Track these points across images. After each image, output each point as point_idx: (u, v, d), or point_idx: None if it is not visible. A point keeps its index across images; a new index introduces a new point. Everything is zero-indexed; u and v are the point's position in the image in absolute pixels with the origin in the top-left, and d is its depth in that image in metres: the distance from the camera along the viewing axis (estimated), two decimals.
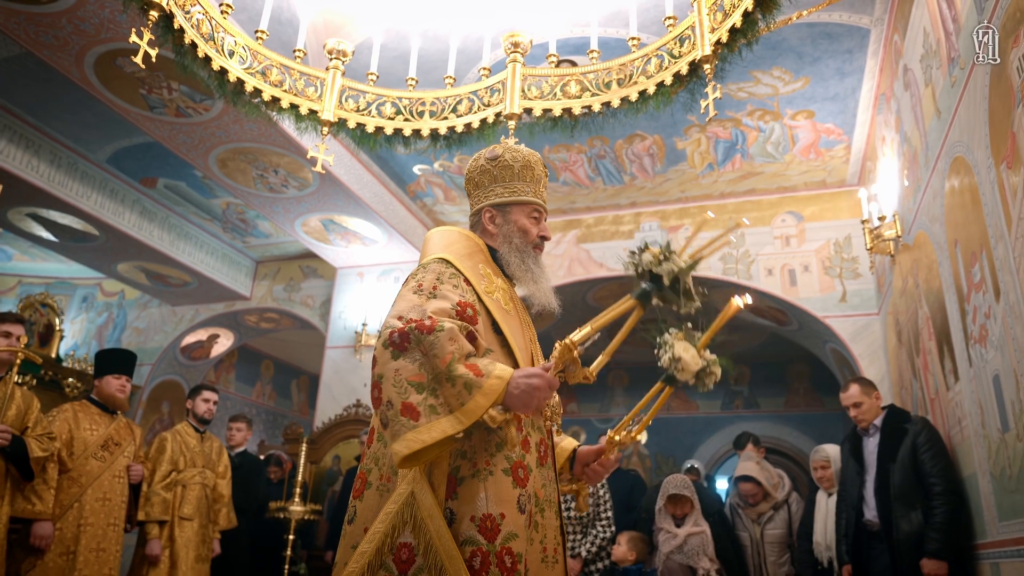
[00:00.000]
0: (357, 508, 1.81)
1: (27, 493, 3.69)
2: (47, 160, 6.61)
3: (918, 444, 3.77)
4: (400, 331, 1.70)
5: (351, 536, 1.78)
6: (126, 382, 4.35)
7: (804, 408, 10.89)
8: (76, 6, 4.27)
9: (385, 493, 1.76)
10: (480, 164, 2.16)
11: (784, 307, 6.88)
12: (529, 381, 1.69)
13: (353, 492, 1.85)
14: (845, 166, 6.48)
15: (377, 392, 1.70)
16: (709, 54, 2.91)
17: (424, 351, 1.67)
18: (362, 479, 1.84)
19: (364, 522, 1.76)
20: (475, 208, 2.18)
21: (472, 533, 1.67)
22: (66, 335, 9.08)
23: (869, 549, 3.91)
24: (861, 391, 4.11)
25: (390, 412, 1.65)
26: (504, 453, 1.78)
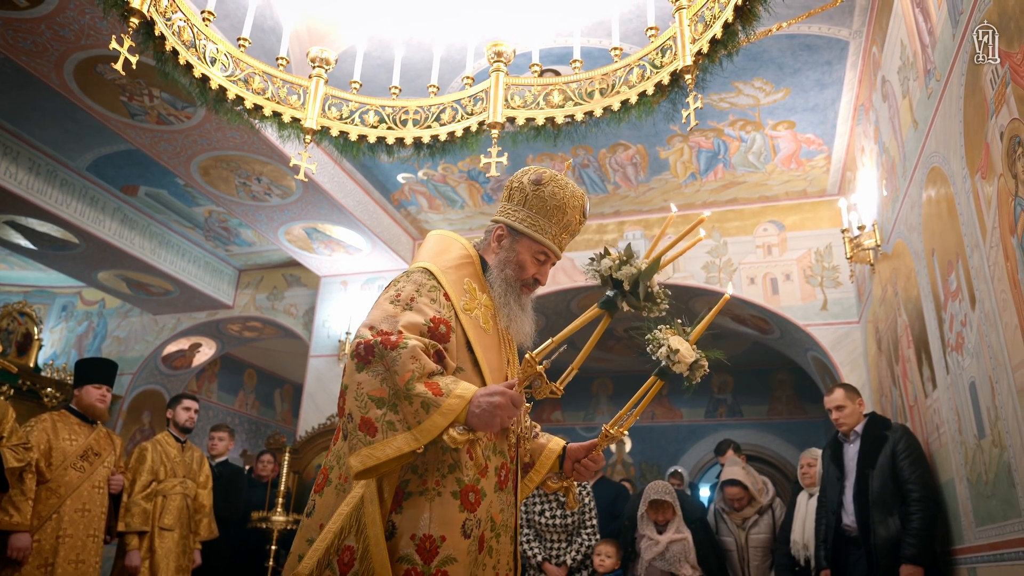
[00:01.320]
0: (316, 503, 1.83)
1: (4, 504, 3.64)
2: (25, 167, 6.54)
3: (897, 451, 3.81)
4: (366, 344, 1.70)
5: (307, 529, 1.81)
6: (106, 392, 4.30)
7: (787, 416, 10.97)
8: (55, 12, 4.24)
9: (342, 493, 1.78)
10: (522, 180, 2.11)
11: (766, 315, 6.93)
12: (491, 400, 1.67)
13: (315, 486, 1.88)
14: (826, 176, 6.55)
15: (342, 401, 1.74)
16: (690, 64, 2.94)
17: (386, 366, 1.67)
18: (324, 475, 1.86)
19: (320, 518, 1.78)
20: (495, 217, 2.16)
21: (409, 551, 1.67)
22: (45, 344, 8.96)
23: (847, 554, 3.94)
24: (845, 395, 4.15)
25: (350, 425, 1.68)
26: (455, 475, 1.76)
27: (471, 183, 6.92)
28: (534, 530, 4.59)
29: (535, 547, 4.54)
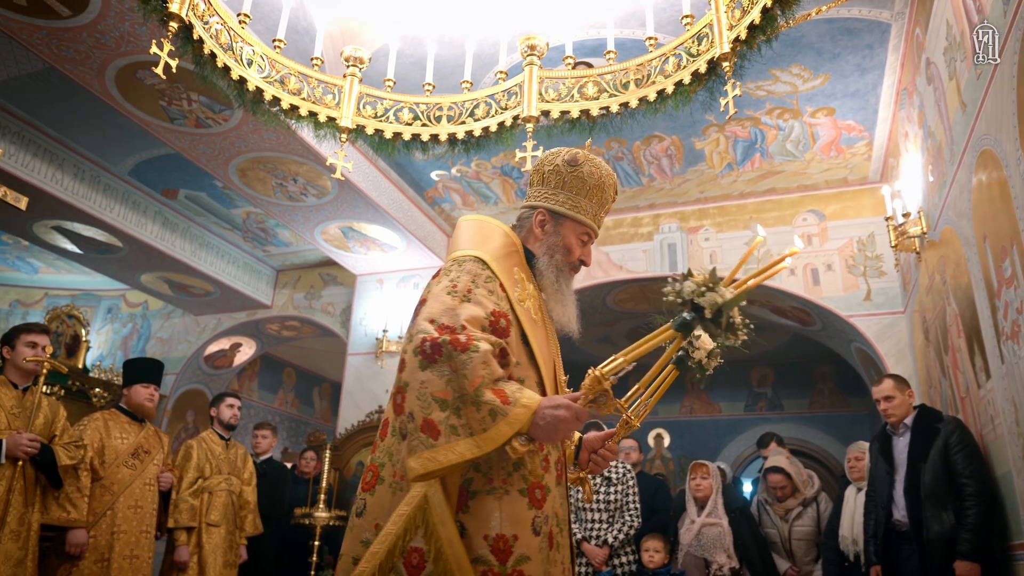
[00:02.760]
0: (367, 502, 1.76)
1: (62, 501, 3.74)
2: (71, 173, 6.70)
3: (950, 444, 3.69)
4: (433, 341, 1.64)
5: (360, 530, 1.74)
6: (154, 391, 4.39)
7: (829, 409, 10.76)
8: (97, 20, 4.33)
9: (398, 492, 1.71)
10: (555, 163, 2.08)
11: (807, 307, 6.80)
12: (556, 413, 1.64)
13: (363, 484, 1.81)
14: (867, 163, 6.40)
15: (400, 399, 1.67)
16: (728, 52, 2.88)
17: (454, 368, 1.62)
18: (374, 472, 1.79)
19: (375, 518, 1.72)
20: (531, 203, 2.12)
21: (484, 552, 1.64)
22: (92, 346, 9.20)
23: (898, 549, 3.84)
24: (894, 386, 4.04)
25: (410, 425, 1.62)
26: (521, 472, 1.74)
27: (504, 179, 6.91)
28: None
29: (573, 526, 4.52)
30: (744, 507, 4.94)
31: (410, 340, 1.69)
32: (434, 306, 1.76)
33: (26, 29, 4.40)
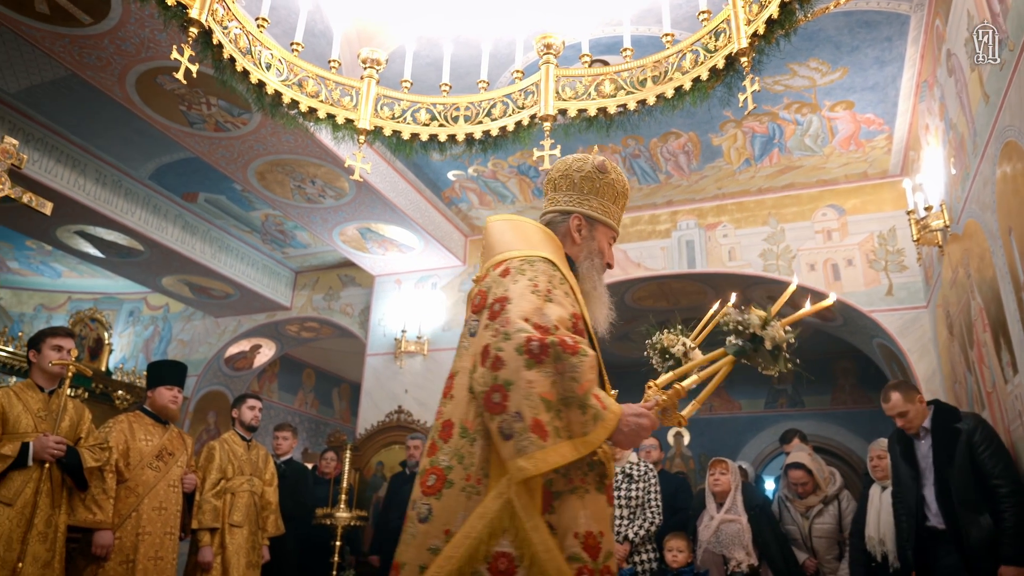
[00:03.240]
0: (434, 507, 1.70)
1: (88, 503, 3.78)
2: (93, 178, 6.79)
3: (974, 444, 3.58)
4: (540, 342, 1.65)
5: (427, 536, 1.68)
6: (178, 393, 4.44)
7: (851, 405, 10.66)
8: (117, 27, 4.38)
9: (474, 495, 1.68)
10: (586, 170, 2.14)
11: None
12: (639, 421, 1.71)
13: (425, 488, 1.74)
14: (887, 156, 6.33)
15: (501, 397, 1.63)
16: (746, 47, 2.86)
17: (560, 370, 1.64)
18: (438, 476, 1.73)
19: (444, 523, 1.67)
20: (564, 208, 2.14)
21: (577, 550, 1.64)
22: (114, 349, 9.32)
23: (934, 551, 3.76)
24: (903, 399, 3.88)
25: (518, 425, 1.60)
26: (597, 471, 1.78)
27: (521, 178, 6.91)
28: None
29: None
30: (764, 504, 4.90)
31: (507, 338, 1.67)
32: (524, 305, 1.75)
33: (48, 37, 4.46)
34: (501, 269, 1.90)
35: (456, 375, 1.88)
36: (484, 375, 1.68)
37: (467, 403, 1.78)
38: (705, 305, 8.18)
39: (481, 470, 1.70)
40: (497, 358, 1.66)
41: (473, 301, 1.95)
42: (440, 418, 1.83)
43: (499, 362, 1.65)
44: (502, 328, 1.70)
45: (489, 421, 1.66)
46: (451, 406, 1.80)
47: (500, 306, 1.76)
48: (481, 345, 1.72)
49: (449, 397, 1.83)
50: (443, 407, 1.85)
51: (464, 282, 7.95)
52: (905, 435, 3.98)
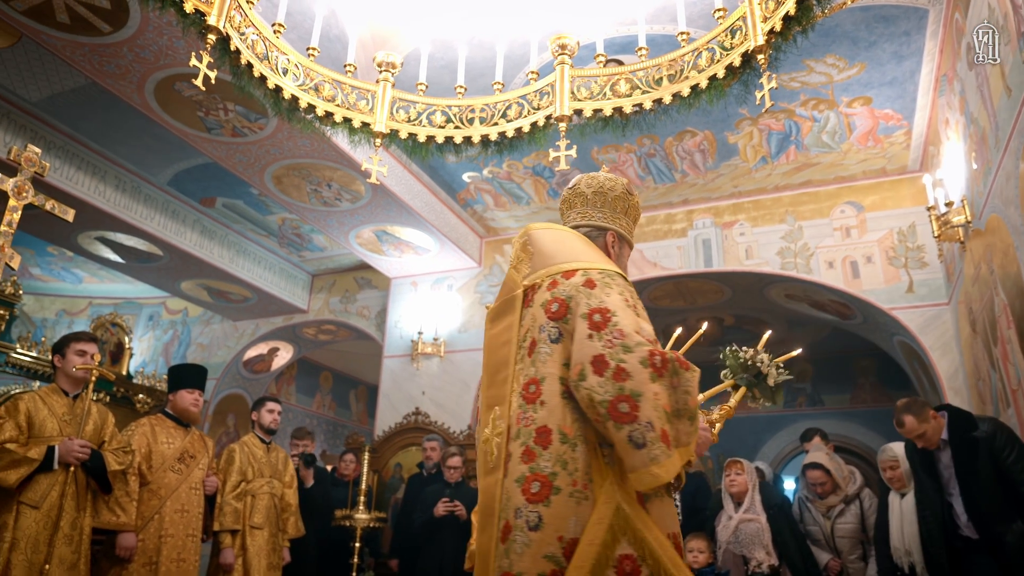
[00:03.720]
0: (543, 514, 1.72)
1: (111, 505, 3.83)
2: (113, 185, 6.87)
3: (995, 451, 3.50)
4: (662, 356, 1.74)
5: (541, 544, 1.70)
6: (199, 396, 4.48)
7: (872, 404, 10.55)
8: (136, 35, 4.43)
9: (583, 501, 1.72)
10: (617, 189, 2.24)
11: (847, 300, 6.68)
12: (704, 433, 1.88)
13: (530, 496, 1.75)
14: (906, 152, 6.26)
15: (630, 407, 1.69)
16: (762, 44, 2.84)
17: (675, 384, 1.74)
18: (543, 483, 1.75)
19: (556, 530, 1.70)
20: (599, 224, 2.22)
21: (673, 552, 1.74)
22: (135, 353, 9.41)
23: (970, 559, 3.68)
24: (918, 421, 3.79)
25: (650, 435, 1.67)
26: None
27: (536, 179, 6.91)
28: None
29: None
30: (783, 504, 4.86)
31: (627, 350, 1.73)
32: (629, 318, 1.82)
33: (68, 46, 4.52)
34: (580, 279, 1.93)
35: (542, 381, 1.87)
36: (605, 385, 1.72)
37: (562, 409, 1.82)
38: (721, 304, 8.14)
39: (585, 475, 1.75)
40: (620, 369, 1.71)
41: (549, 308, 1.95)
42: (531, 424, 1.84)
43: (623, 373, 1.71)
44: (618, 340, 1.75)
45: (615, 430, 1.70)
46: (544, 412, 1.82)
47: (602, 317, 1.81)
48: (590, 355, 1.76)
49: (539, 403, 1.84)
50: (532, 412, 1.84)
51: (480, 283, 7.95)
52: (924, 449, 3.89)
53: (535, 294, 2.03)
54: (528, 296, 2.06)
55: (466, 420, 7.41)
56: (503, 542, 1.77)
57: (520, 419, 1.87)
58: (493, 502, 1.87)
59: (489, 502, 1.89)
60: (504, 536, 1.77)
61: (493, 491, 1.88)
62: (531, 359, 1.94)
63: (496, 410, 1.99)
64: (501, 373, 2.03)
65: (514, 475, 1.81)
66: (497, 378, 2.04)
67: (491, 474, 1.92)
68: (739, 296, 7.78)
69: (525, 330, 2.01)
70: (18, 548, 3.32)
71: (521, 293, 2.08)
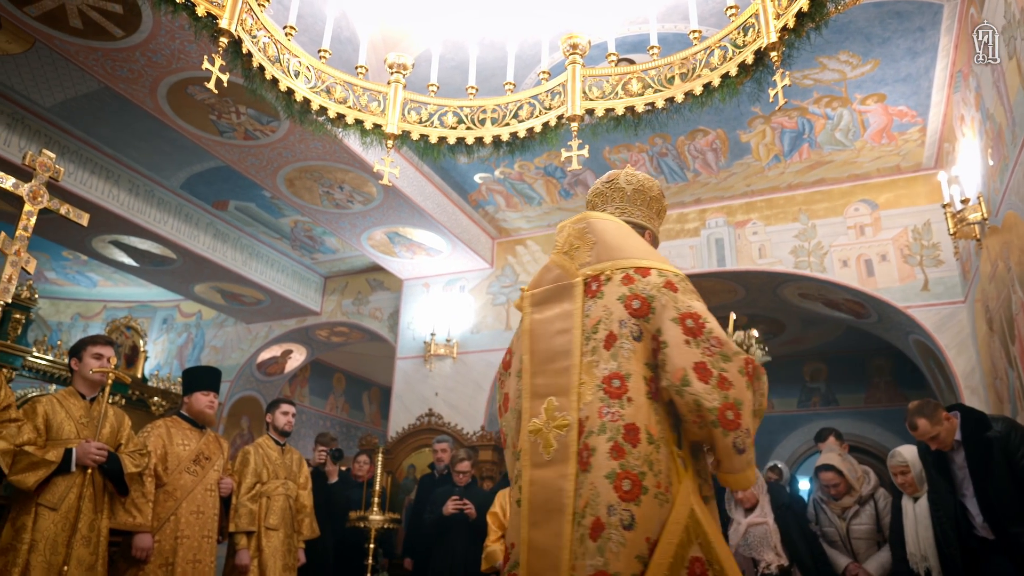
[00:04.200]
0: (635, 515, 1.72)
1: (128, 506, 3.85)
2: (126, 189, 6.92)
3: (1010, 450, 3.44)
4: (752, 365, 1.83)
5: (633, 545, 1.69)
6: (214, 398, 4.49)
7: (887, 403, 10.47)
8: (148, 39, 4.46)
9: (665, 503, 1.74)
10: (654, 190, 2.29)
11: (862, 299, 6.63)
12: None
13: (622, 494, 1.73)
14: (921, 149, 6.21)
15: (734, 415, 1.78)
16: (775, 41, 2.82)
17: (756, 388, 1.85)
18: (633, 482, 1.75)
19: (645, 531, 1.70)
20: (639, 222, 2.24)
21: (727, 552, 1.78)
22: (149, 356, 9.48)
23: (986, 559, 3.63)
24: (930, 424, 3.74)
25: (748, 440, 1.79)
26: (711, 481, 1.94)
27: (548, 179, 6.90)
28: None
29: None
30: (791, 503, 4.82)
31: (726, 359, 1.80)
32: (718, 326, 1.89)
33: (82, 51, 4.56)
34: (659, 279, 1.94)
35: (627, 377, 1.85)
36: (712, 392, 1.77)
37: (648, 408, 1.83)
38: (734, 304, 8.09)
39: (667, 477, 1.77)
40: (723, 378, 1.78)
41: (629, 304, 1.92)
42: (618, 420, 1.81)
43: (726, 382, 1.78)
44: (717, 348, 1.82)
45: (722, 436, 1.78)
46: (631, 409, 1.81)
47: (695, 323, 1.85)
48: (692, 361, 1.80)
49: (626, 399, 1.82)
50: (619, 408, 1.82)
51: (492, 284, 7.95)
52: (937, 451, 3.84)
53: (604, 286, 1.98)
54: (592, 286, 2.01)
55: (479, 421, 7.41)
56: (593, 539, 1.71)
57: (603, 413, 1.82)
58: (557, 496, 1.81)
59: (549, 495, 1.83)
60: (595, 533, 1.71)
61: (557, 484, 1.83)
62: (609, 353, 1.89)
63: (553, 400, 1.93)
64: (559, 362, 1.97)
65: (602, 470, 1.76)
66: (552, 367, 1.98)
67: (548, 467, 1.86)
68: (753, 295, 7.73)
69: (595, 320, 1.95)
70: (37, 549, 3.35)
71: (581, 281, 2.02)
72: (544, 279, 2.14)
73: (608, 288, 1.97)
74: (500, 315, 7.80)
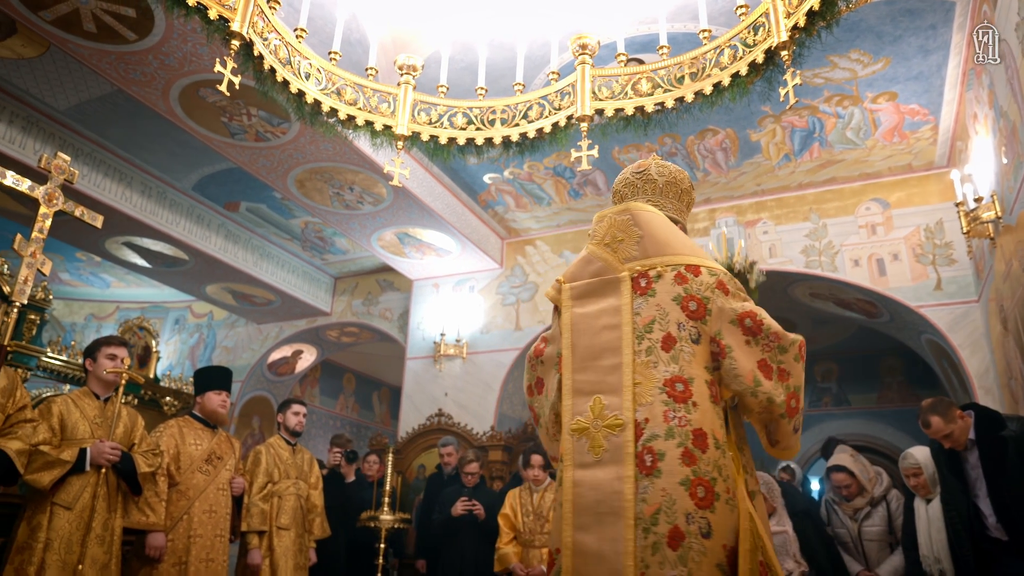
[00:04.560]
0: (711, 522, 1.68)
1: (141, 506, 3.88)
2: (138, 191, 6.97)
3: None
4: (801, 343, 1.89)
5: (713, 553, 1.65)
6: (226, 398, 4.52)
7: (899, 403, 10.40)
8: (161, 42, 4.49)
9: (734, 508, 1.73)
10: (685, 183, 2.27)
11: (874, 298, 6.60)
12: None
13: (697, 501, 1.69)
14: (933, 148, 6.17)
15: (796, 402, 1.86)
16: (786, 40, 2.81)
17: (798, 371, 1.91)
18: (707, 488, 1.71)
19: (722, 539, 1.67)
20: (673, 216, 2.20)
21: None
22: (161, 356, 9.54)
23: (1000, 560, 3.60)
24: (944, 422, 3.70)
25: (802, 419, 1.88)
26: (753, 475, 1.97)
27: (557, 179, 6.90)
28: None
29: None
30: (807, 508, 4.78)
31: (783, 350, 1.86)
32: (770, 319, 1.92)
33: (95, 55, 4.60)
34: (711, 279, 1.93)
35: (691, 382, 1.82)
36: (776, 387, 1.84)
37: (712, 413, 1.81)
38: None
39: (733, 482, 1.77)
40: (782, 370, 1.85)
41: (686, 306, 1.89)
42: (685, 424, 1.77)
43: (784, 373, 1.86)
44: (775, 343, 1.87)
45: (786, 424, 1.89)
46: (698, 414, 1.78)
47: (753, 322, 1.88)
48: (755, 360, 1.86)
49: (692, 404, 1.78)
50: (686, 413, 1.78)
51: (501, 284, 7.96)
52: (950, 450, 3.81)
53: (654, 283, 1.93)
54: (641, 282, 1.95)
55: (489, 421, 7.42)
56: (673, 548, 1.65)
57: (669, 417, 1.77)
58: (612, 499, 1.74)
59: (600, 497, 1.77)
60: (674, 542, 1.65)
61: (611, 487, 1.76)
62: (669, 355, 1.84)
63: (602, 399, 1.87)
64: (606, 359, 1.91)
65: (675, 476, 1.71)
66: (598, 364, 1.91)
67: (597, 468, 1.80)
68: (762, 295, 7.68)
69: (647, 319, 1.89)
70: (52, 548, 3.38)
71: (628, 276, 1.96)
72: (584, 271, 2.06)
73: (660, 286, 1.92)
74: (510, 315, 7.80)
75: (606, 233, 2.07)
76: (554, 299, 2.12)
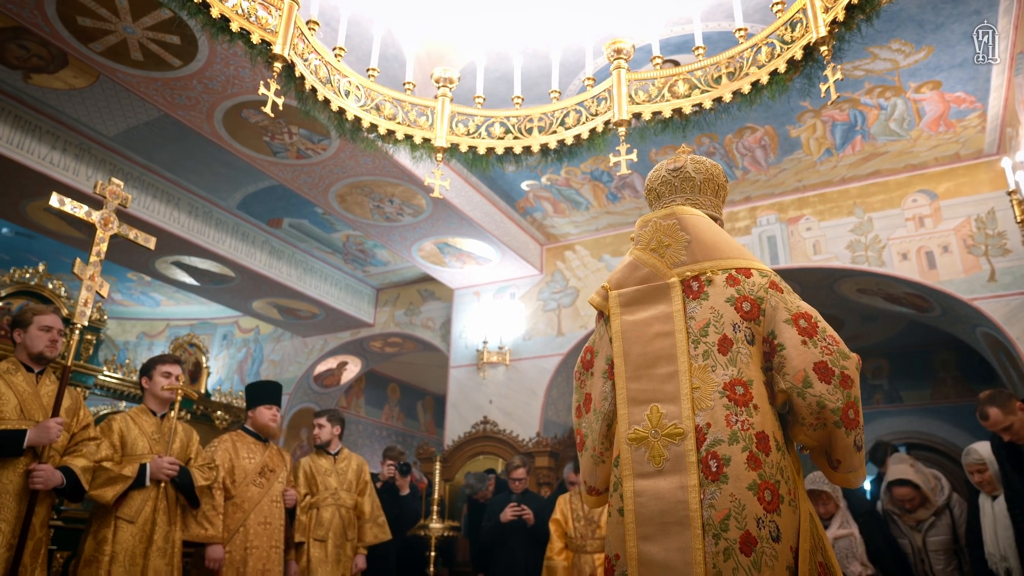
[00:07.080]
0: (779, 525, 1.68)
1: (199, 519, 3.99)
2: (186, 211, 7.17)
3: None
4: (859, 357, 1.85)
5: (782, 556, 1.66)
6: (276, 412, 4.62)
7: (954, 399, 10.10)
8: (204, 67, 4.62)
9: (796, 510, 1.74)
10: (721, 178, 2.25)
11: (924, 292, 6.43)
12: None
13: (765, 505, 1.69)
14: (981, 135, 6.00)
15: (855, 413, 1.80)
16: (825, 35, 2.78)
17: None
18: (772, 491, 1.71)
19: (788, 541, 1.68)
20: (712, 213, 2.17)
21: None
22: (211, 371, 9.77)
23: None
24: (1003, 413, 3.61)
25: (863, 436, 1.81)
26: None
27: (595, 184, 6.89)
28: None
29: None
30: (872, 510, 4.62)
31: (845, 356, 1.82)
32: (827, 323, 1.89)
33: (143, 82, 4.75)
34: (763, 280, 1.92)
35: (750, 384, 1.81)
36: (835, 392, 1.77)
37: (772, 415, 1.82)
38: None
39: (794, 483, 1.77)
40: (845, 376, 1.78)
41: (740, 307, 1.88)
42: (748, 428, 1.76)
43: (848, 380, 1.78)
44: (834, 346, 1.82)
45: (844, 436, 1.79)
46: (759, 417, 1.78)
47: (808, 323, 1.84)
48: (811, 361, 1.79)
49: (752, 407, 1.78)
50: (747, 416, 1.77)
51: (542, 290, 7.97)
52: (1010, 443, 3.69)
53: (706, 287, 1.92)
54: (693, 286, 1.94)
55: (534, 427, 7.42)
56: (746, 554, 1.64)
57: (731, 421, 1.76)
58: (677, 508, 1.73)
59: (664, 507, 1.75)
60: (746, 548, 1.64)
61: (676, 496, 1.74)
62: (727, 358, 1.83)
63: (659, 408, 1.85)
64: (661, 367, 1.88)
65: (743, 481, 1.70)
66: (654, 372, 1.89)
67: (660, 477, 1.78)
68: (808, 293, 7.57)
69: (702, 323, 1.88)
70: (117, 561, 3.49)
71: (678, 282, 1.95)
72: (631, 277, 2.04)
73: (712, 289, 1.90)
74: (552, 321, 7.81)
75: (651, 238, 2.05)
76: (601, 306, 2.10)
